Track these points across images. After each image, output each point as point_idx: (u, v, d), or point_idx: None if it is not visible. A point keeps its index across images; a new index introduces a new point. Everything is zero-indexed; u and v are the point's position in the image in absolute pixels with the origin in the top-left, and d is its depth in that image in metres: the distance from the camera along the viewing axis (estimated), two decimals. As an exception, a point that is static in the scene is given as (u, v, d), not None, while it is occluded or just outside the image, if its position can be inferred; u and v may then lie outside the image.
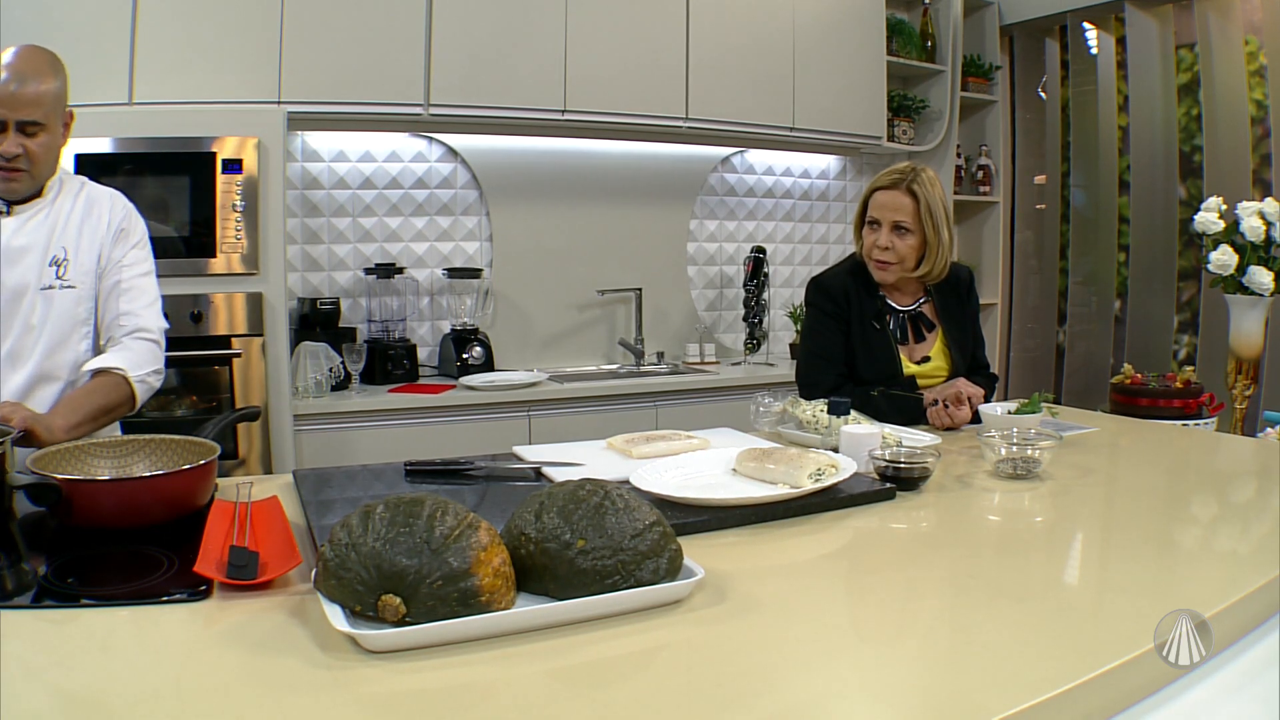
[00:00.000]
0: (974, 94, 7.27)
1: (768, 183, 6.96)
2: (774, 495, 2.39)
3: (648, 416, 5.59)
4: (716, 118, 6.05)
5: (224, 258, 4.62)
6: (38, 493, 2.21)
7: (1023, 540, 2.35)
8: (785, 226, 7.07)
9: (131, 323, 3.06)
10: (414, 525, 1.65)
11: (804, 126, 6.34)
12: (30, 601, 1.88)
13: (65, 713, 1.43)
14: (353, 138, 5.68)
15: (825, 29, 6.39)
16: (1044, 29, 7.37)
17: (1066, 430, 3.37)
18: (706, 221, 6.76)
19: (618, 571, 1.72)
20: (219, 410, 4.65)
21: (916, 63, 6.98)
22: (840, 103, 6.48)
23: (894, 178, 3.58)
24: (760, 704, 1.44)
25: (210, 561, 1.91)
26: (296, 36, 4.98)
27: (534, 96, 5.53)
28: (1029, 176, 7.64)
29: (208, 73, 4.85)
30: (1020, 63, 7.54)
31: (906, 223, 3.53)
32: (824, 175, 7.22)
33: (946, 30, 7.08)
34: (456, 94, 5.34)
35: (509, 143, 6.02)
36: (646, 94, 5.82)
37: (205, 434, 2.65)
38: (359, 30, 5.11)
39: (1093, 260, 7.20)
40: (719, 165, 6.72)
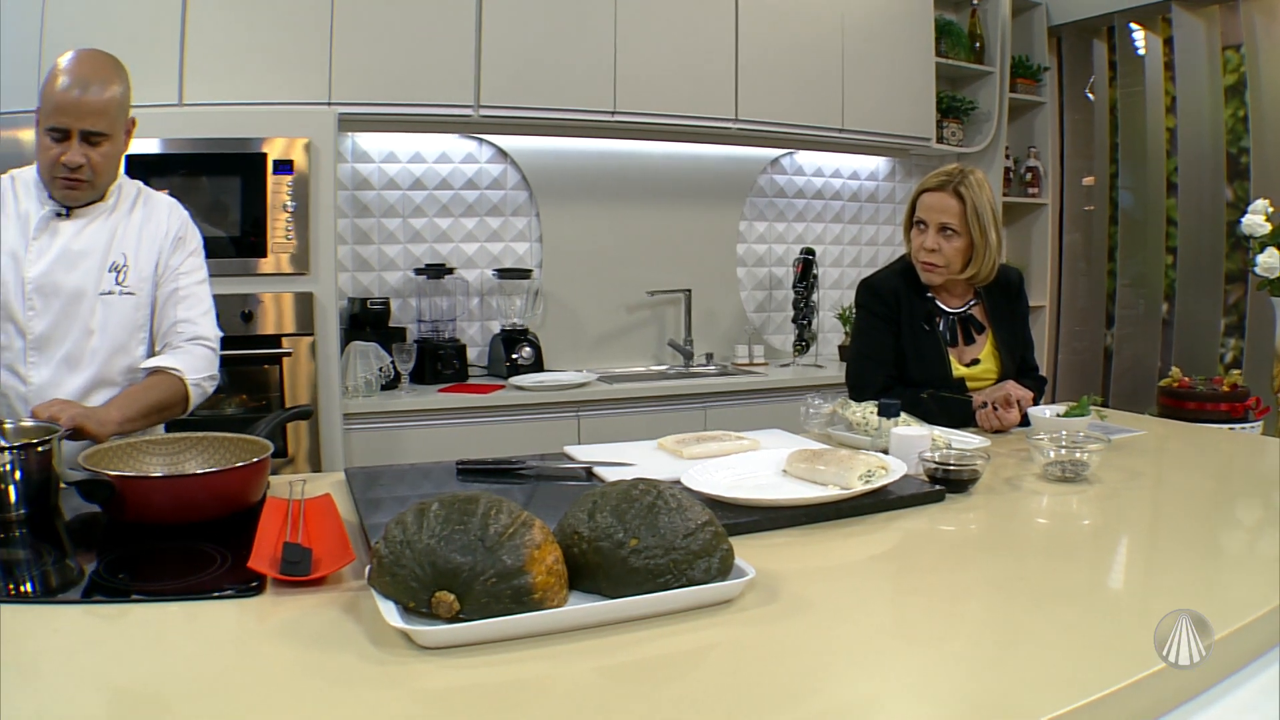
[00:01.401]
0: (1022, 95, 7.23)
1: (817, 184, 6.94)
2: (824, 496, 2.39)
3: (696, 418, 5.59)
4: (766, 119, 6.03)
5: (274, 258, 4.64)
6: (90, 489, 2.22)
7: (1070, 543, 2.34)
8: (834, 228, 7.05)
9: (189, 330, 3.08)
10: (468, 523, 1.65)
11: (853, 128, 6.32)
12: (80, 596, 1.90)
13: (113, 706, 1.45)
14: (403, 139, 5.70)
15: (874, 29, 6.37)
16: (1092, 30, 7.32)
17: (1114, 433, 3.35)
18: (756, 223, 6.75)
19: (670, 570, 1.72)
20: (269, 409, 4.67)
21: (965, 64, 6.95)
22: (889, 104, 6.46)
23: (941, 179, 3.57)
24: (808, 704, 1.44)
25: (263, 558, 1.93)
26: (347, 38, 5.01)
27: (584, 98, 5.54)
28: (1077, 178, 7.59)
29: (258, 73, 4.88)
30: (1068, 64, 7.49)
31: (953, 224, 3.52)
32: (873, 177, 7.20)
33: (995, 31, 7.04)
34: (507, 95, 5.34)
35: (559, 144, 6.02)
36: (696, 95, 5.82)
37: (257, 432, 2.67)
38: (409, 32, 5.13)
39: (1140, 262, 7.15)
40: (768, 167, 6.71)
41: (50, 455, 2.39)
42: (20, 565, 2.13)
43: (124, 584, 1.98)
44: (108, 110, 2.83)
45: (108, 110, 2.83)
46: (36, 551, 2.20)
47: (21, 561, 2.15)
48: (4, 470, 2.29)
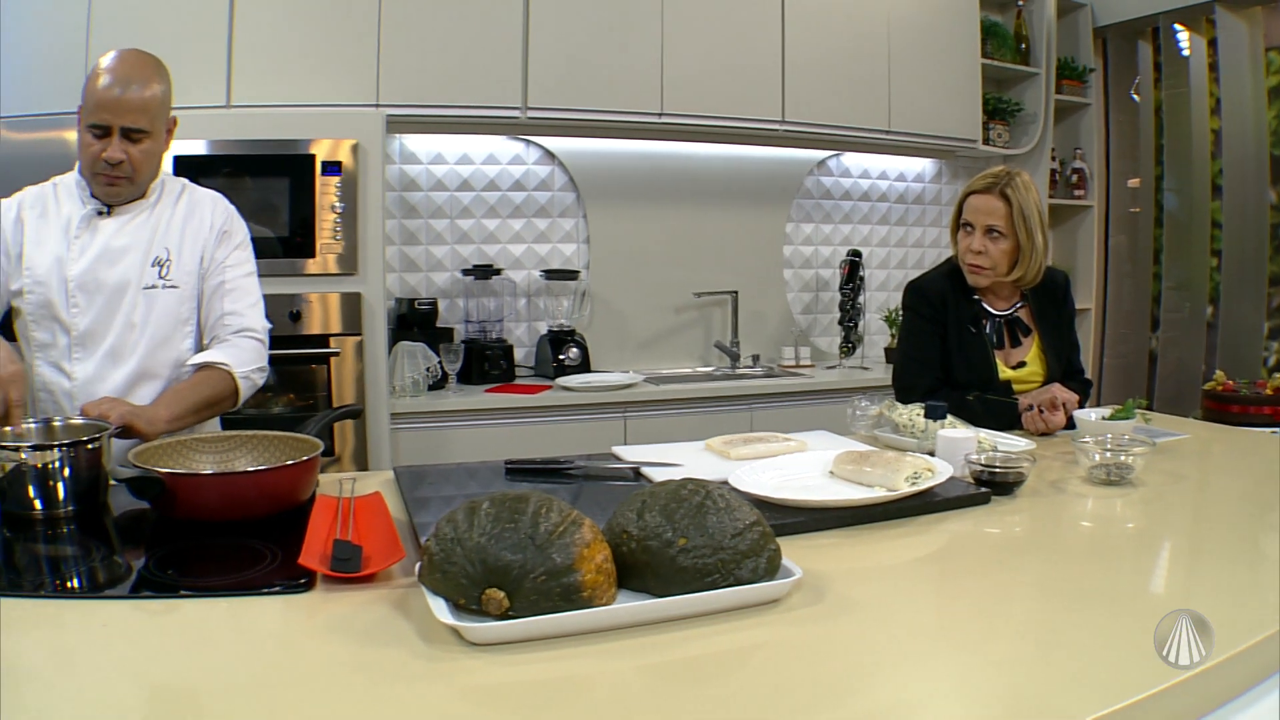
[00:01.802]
0: (1068, 96, 7.19)
1: (863, 186, 6.93)
2: (871, 498, 2.39)
3: (743, 419, 5.59)
4: (812, 120, 6.02)
5: (322, 258, 4.67)
6: (141, 486, 2.25)
7: (1113, 547, 2.33)
8: (881, 230, 7.04)
9: (236, 322, 3.10)
10: (519, 521, 1.67)
11: (899, 129, 6.30)
12: (128, 592, 1.93)
13: (159, 700, 1.47)
14: (450, 140, 5.73)
15: (920, 31, 6.35)
16: (1136, 30, 7.28)
17: (1159, 436, 3.34)
18: (803, 224, 6.74)
19: (717, 570, 1.73)
20: (316, 409, 4.70)
21: (1011, 65, 6.91)
22: (935, 105, 6.44)
23: (988, 181, 3.56)
24: (852, 705, 1.45)
25: (314, 555, 1.94)
26: (394, 39, 5.03)
27: (630, 99, 5.54)
28: (1123, 180, 7.54)
29: (305, 75, 4.91)
30: (1114, 65, 7.44)
31: (999, 226, 3.51)
32: (919, 178, 7.18)
33: (1040, 32, 7.01)
34: (554, 97, 5.36)
35: (606, 145, 6.03)
36: (742, 97, 5.82)
37: (307, 431, 2.69)
38: (456, 34, 5.15)
39: (1185, 265, 7.10)
40: (815, 168, 6.70)
41: (100, 453, 2.41)
42: (68, 561, 2.17)
43: (172, 580, 2.00)
44: (148, 108, 2.86)
45: (148, 108, 2.86)
46: (85, 548, 2.23)
47: (69, 557, 2.19)
48: (53, 467, 2.32)
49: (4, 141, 4.32)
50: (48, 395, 2.95)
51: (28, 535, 2.27)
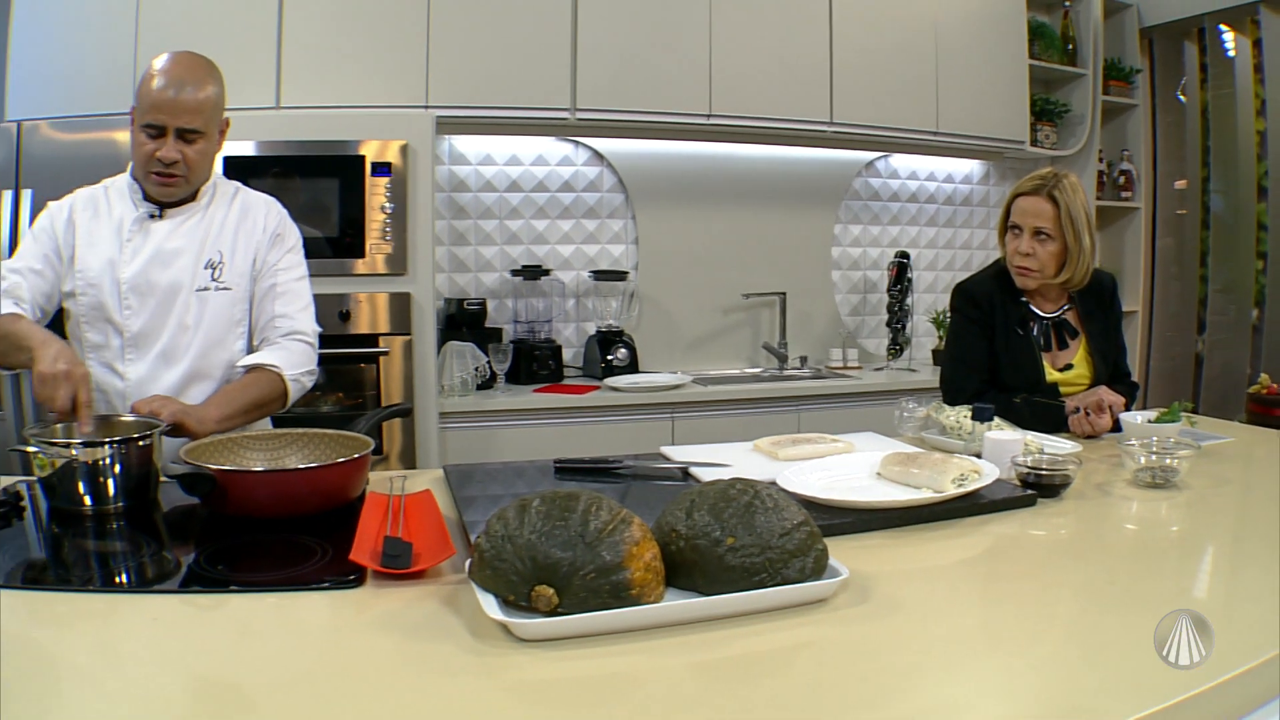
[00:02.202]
0: (1115, 97, 7.14)
1: (911, 187, 6.92)
2: (918, 499, 2.39)
3: (790, 420, 5.59)
4: (860, 122, 6.01)
5: (372, 258, 4.71)
6: (192, 483, 2.28)
7: (1158, 549, 2.33)
8: (929, 231, 7.02)
9: (286, 325, 3.12)
10: (569, 519, 1.68)
11: (947, 130, 6.27)
12: (178, 587, 1.95)
13: (207, 692, 1.49)
14: (499, 141, 5.75)
15: (967, 31, 6.33)
16: (1182, 31, 7.22)
17: (1204, 440, 3.32)
18: (851, 226, 6.73)
19: (765, 569, 1.74)
20: (365, 407, 4.72)
21: (1058, 66, 6.87)
22: (983, 106, 6.41)
23: (1035, 183, 3.55)
24: (896, 705, 1.46)
25: (364, 551, 1.96)
26: (443, 41, 5.06)
27: (679, 101, 5.55)
28: (1170, 181, 7.47)
29: (355, 77, 4.95)
30: (1160, 65, 7.38)
31: (1047, 229, 3.50)
32: (967, 180, 7.15)
33: (1087, 33, 6.97)
34: (603, 99, 5.38)
35: (655, 146, 6.04)
36: (791, 98, 5.81)
37: (357, 429, 2.71)
38: (505, 35, 5.18)
39: (1231, 268, 7.05)
40: (863, 169, 6.69)
41: (150, 450, 2.45)
42: (118, 556, 2.20)
43: (222, 575, 2.02)
44: (202, 109, 2.89)
45: (202, 109, 2.89)
46: (134, 543, 2.27)
47: (119, 553, 2.22)
48: (104, 464, 2.35)
49: (54, 142, 4.37)
50: (100, 395, 2.98)
51: (78, 531, 2.30)
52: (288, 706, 1.43)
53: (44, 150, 4.36)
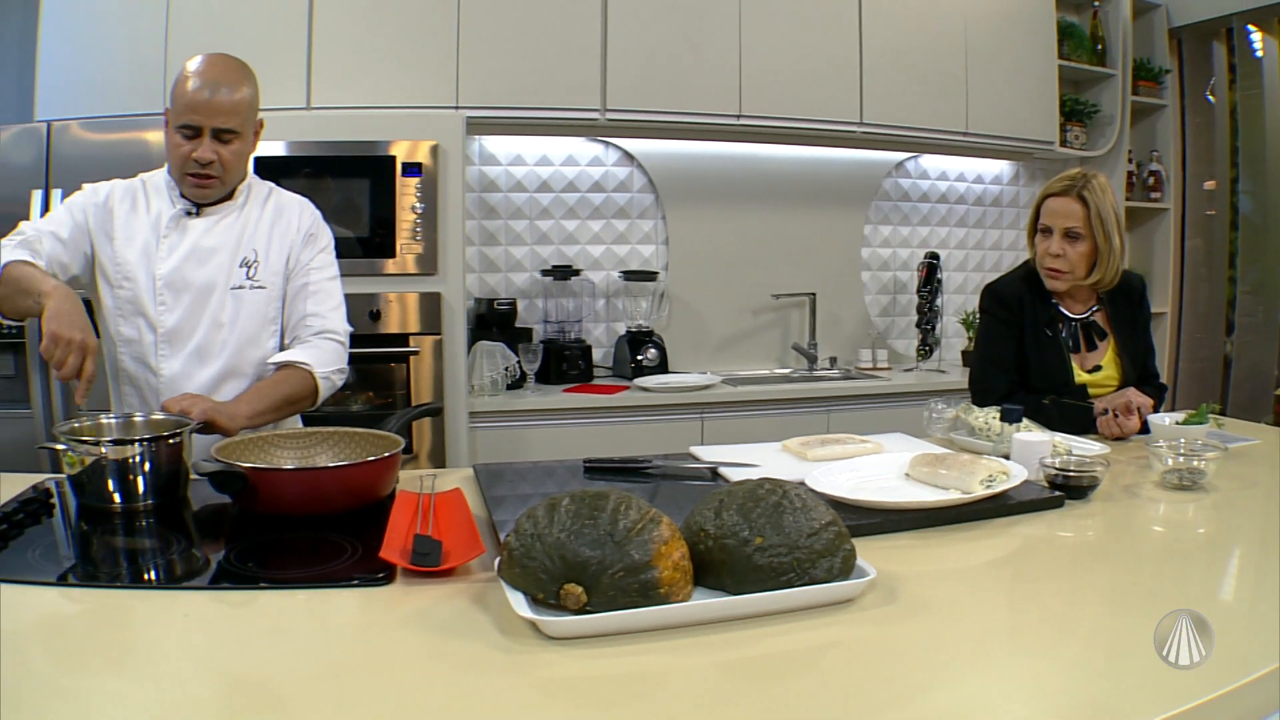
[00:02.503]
0: (1144, 98, 7.12)
1: (941, 188, 6.90)
2: (946, 500, 2.39)
3: (819, 421, 5.58)
4: (890, 122, 6.00)
5: (402, 258, 4.73)
6: (223, 480, 2.29)
7: (1185, 551, 2.33)
8: (959, 232, 7.00)
9: (317, 324, 3.14)
10: (598, 518, 1.69)
11: (977, 131, 6.26)
12: (208, 584, 1.97)
13: (236, 688, 1.50)
14: (529, 141, 5.77)
15: (996, 32, 6.31)
16: (1211, 31, 7.19)
17: (1231, 442, 3.29)
18: (880, 226, 6.72)
19: (793, 569, 1.74)
20: (395, 407, 4.74)
21: (1087, 66, 6.85)
22: (1012, 107, 6.39)
23: (1065, 184, 3.55)
24: (923, 704, 1.47)
25: (394, 549, 1.97)
26: (473, 41, 5.08)
27: (709, 101, 5.56)
28: (1199, 182, 7.44)
29: (385, 77, 4.98)
30: (1189, 66, 7.35)
31: (1077, 228, 3.49)
32: (997, 180, 7.13)
33: (1116, 33, 6.94)
34: (633, 99, 5.38)
35: (684, 147, 6.04)
36: (820, 99, 5.81)
37: (388, 428, 2.72)
38: (535, 36, 5.20)
39: (1260, 269, 7.02)
40: (893, 170, 6.68)
41: (180, 447, 2.46)
42: (147, 553, 2.22)
43: (252, 572, 2.04)
44: (239, 110, 2.92)
45: (239, 110, 2.92)
46: (164, 540, 2.28)
47: (148, 550, 2.24)
48: (133, 461, 2.37)
49: (83, 142, 4.41)
50: (134, 390, 3.01)
51: (107, 528, 2.32)
52: (317, 703, 1.44)
53: (74, 150, 4.40)
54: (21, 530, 2.25)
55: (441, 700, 1.44)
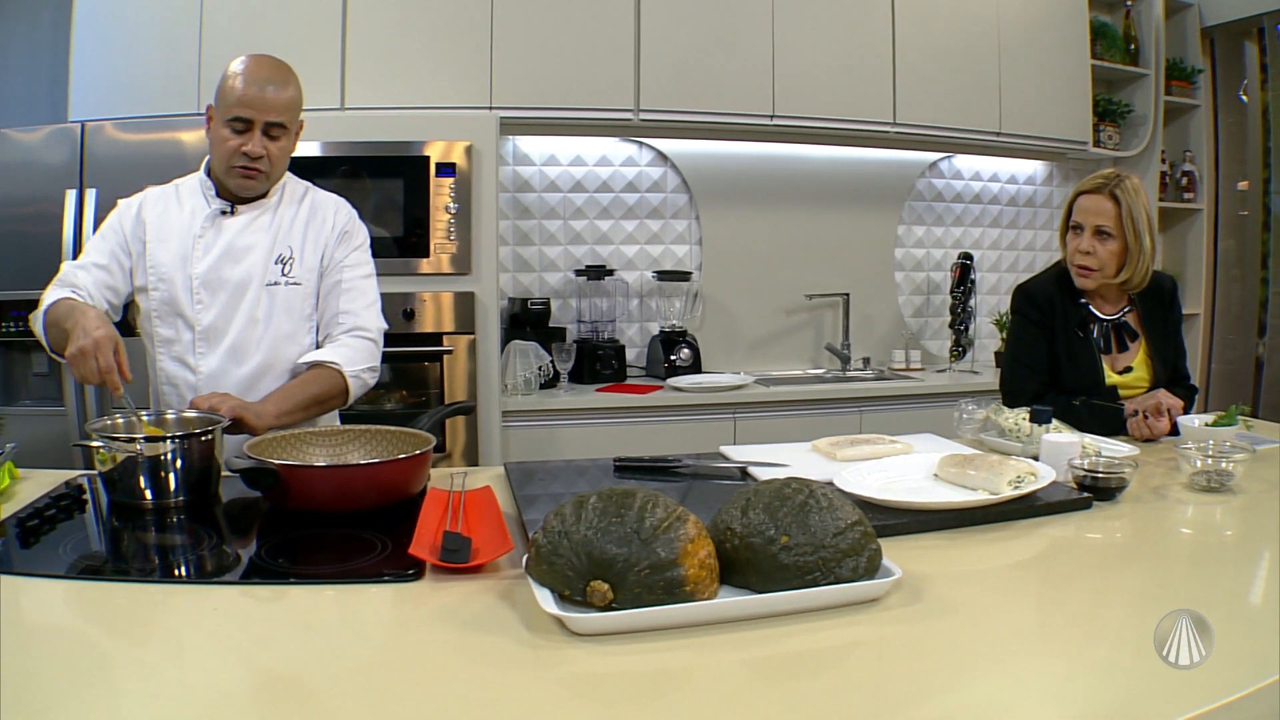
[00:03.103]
0: (1177, 98, 7.09)
1: (975, 188, 6.88)
2: (973, 501, 2.39)
3: (852, 421, 5.58)
4: (923, 122, 6.00)
5: (436, 258, 4.75)
6: (255, 477, 2.31)
7: (1212, 553, 2.33)
8: (992, 233, 6.98)
9: (350, 321, 3.16)
10: (625, 516, 1.70)
11: (1010, 131, 6.24)
12: (239, 579, 1.99)
13: (265, 681, 1.53)
14: (563, 142, 5.79)
15: (1029, 32, 6.30)
16: (1243, 31, 7.16)
17: (1260, 444, 3.28)
18: (914, 227, 6.71)
19: (818, 568, 1.75)
20: (428, 405, 4.77)
21: (1120, 66, 6.82)
22: (1045, 106, 6.37)
23: (1098, 182, 3.55)
24: (946, 703, 1.47)
25: (424, 545, 1.99)
26: (506, 43, 5.11)
27: (742, 101, 5.56)
28: (1232, 183, 7.39)
29: (419, 78, 5.01)
30: (1221, 65, 7.30)
31: (1108, 226, 3.49)
32: (1030, 181, 7.11)
33: (1148, 32, 6.92)
34: (666, 99, 5.39)
35: (718, 147, 6.05)
36: (854, 99, 5.81)
37: (420, 426, 2.74)
38: (568, 37, 5.22)
39: (1292, 271, 7.01)
40: (926, 170, 6.67)
41: (212, 445, 2.50)
42: (178, 549, 2.24)
43: (283, 568, 2.07)
44: (289, 107, 2.98)
45: (289, 107, 2.98)
46: (195, 536, 2.30)
47: (179, 545, 2.26)
48: (165, 459, 2.40)
49: (117, 143, 4.45)
50: (172, 389, 3.05)
51: (139, 524, 2.36)
52: (344, 697, 1.46)
53: (108, 150, 4.44)
54: (54, 525, 2.28)
55: (468, 695, 1.46)
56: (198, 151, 4.33)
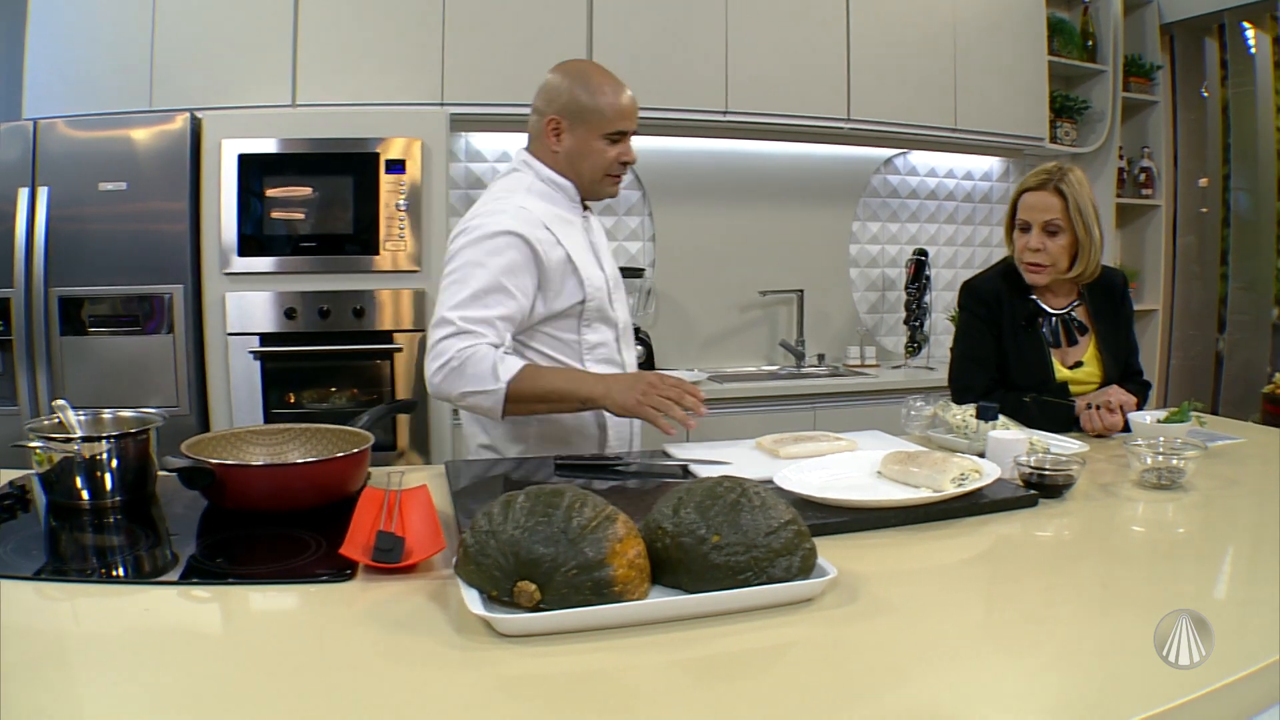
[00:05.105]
0: (1135, 94, 7.13)
1: (930, 184, 6.90)
2: (915, 498, 2.38)
3: (806, 418, 5.58)
4: (878, 118, 6.01)
5: (387, 255, 4.72)
6: (191, 476, 2.29)
7: (1162, 551, 2.32)
8: (947, 229, 7.00)
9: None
10: (553, 515, 1.69)
11: (966, 127, 6.27)
12: (178, 579, 1.97)
13: (195, 683, 1.50)
14: (517, 138, 5.73)
15: (986, 28, 6.32)
16: (1203, 27, 7.21)
17: (1213, 440, 3.29)
18: (869, 223, 6.72)
19: (750, 568, 1.74)
20: (380, 403, 4.74)
21: (1078, 62, 6.86)
22: (1002, 103, 6.40)
23: (1041, 178, 3.55)
24: (878, 705, 1.46)
25: (356, 545, 1.98)
26: (458, 39, 5.10)
27: (695, 97, 5.56)
28: (1192, 179, 7.45)
29: (370, 75, 4.99)
30: (1181, 62, 7.35)
31: (1056, 221, 3.49)
32: (986, 177, 7.13)
33: (1107, 29, 6.95)
34: (618, 94, 5.37)
35: (671, 144, 6.05)
36: (808, 95, 5.82)
37: (360, 425, 2.72)
38: (521, 33, 5.20)
39: (1253, 266, 7.03)
40: (881, 167, 6.68)
41: (147, 444, 2.48)
42: (115, 550, 2.22)
43: (221, 568, 2.05)
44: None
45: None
46: (132, 536, 2.28)
47: (116, 546, 2.24)
48: (101, 459, 2.38)
49: (70, 140, 4.42)
50: None
51: (76, 525, 2.33)
52: (268, 699, 1.44)
53: (60, 148, 4.40)
54: (-5, 526, 2.25)
55: (391, 697, 1.44)
56: (151, 149, 4.36)
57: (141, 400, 4.27)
